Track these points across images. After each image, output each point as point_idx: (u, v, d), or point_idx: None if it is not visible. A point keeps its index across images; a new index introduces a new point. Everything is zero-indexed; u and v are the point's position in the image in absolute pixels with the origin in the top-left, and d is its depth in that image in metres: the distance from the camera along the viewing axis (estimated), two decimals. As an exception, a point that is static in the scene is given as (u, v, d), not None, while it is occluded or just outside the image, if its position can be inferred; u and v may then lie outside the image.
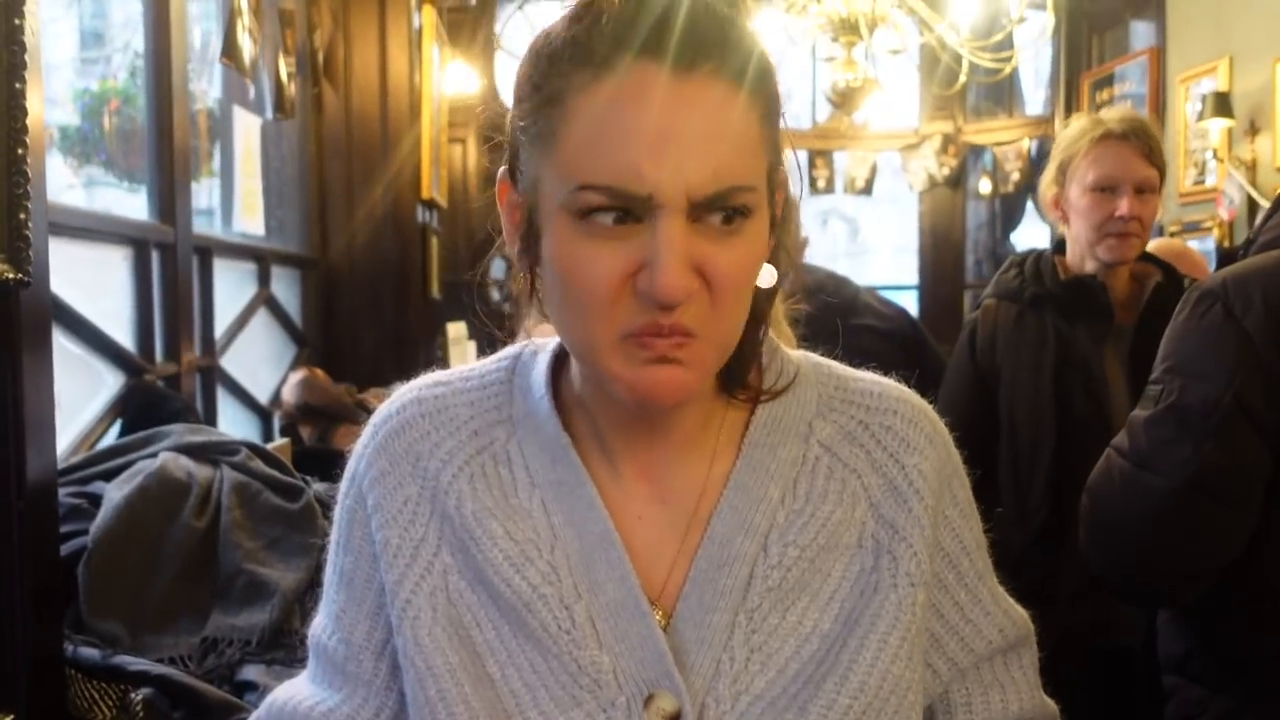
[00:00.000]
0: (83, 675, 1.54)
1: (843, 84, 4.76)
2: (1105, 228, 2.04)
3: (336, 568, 0.92)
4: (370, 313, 4.40)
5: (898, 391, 0.90)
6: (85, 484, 1.86)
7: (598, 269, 0.72)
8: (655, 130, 0.70)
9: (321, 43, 4.20)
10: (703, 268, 0.73)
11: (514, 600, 0.82)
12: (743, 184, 0.73)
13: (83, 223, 2.46)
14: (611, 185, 0.71)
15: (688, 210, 0.72)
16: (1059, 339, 2.09)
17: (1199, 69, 5.23)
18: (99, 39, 3.53)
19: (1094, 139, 2.06)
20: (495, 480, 0.86)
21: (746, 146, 0.74)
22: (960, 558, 0.89)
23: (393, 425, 0.90)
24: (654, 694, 0.80)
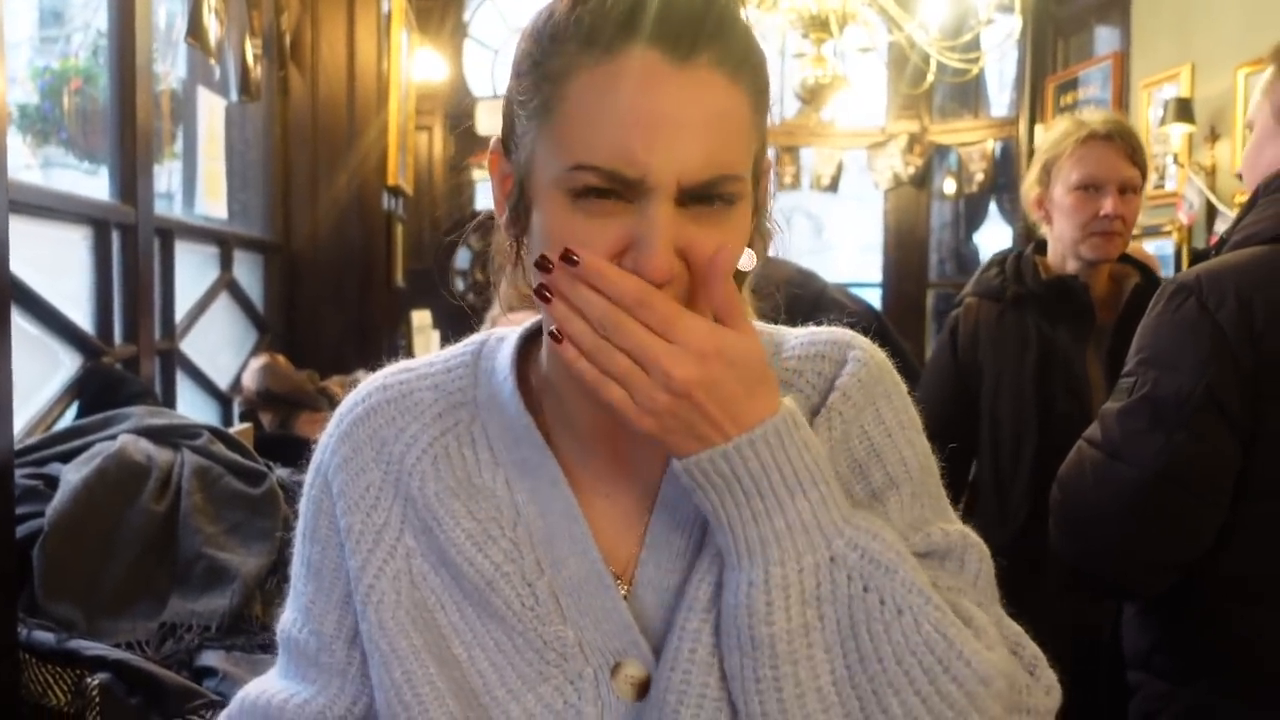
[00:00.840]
0: (37, 659, 1.52)
1: (811, 80, 4.77)
2: (1089, 226, 2.07)
3: (304, 560, 0.92)
4: (333, 299, 4.36)
5: (828, 334, 0.92)
6: (42, 465, 1.83)
7: (586, 243, 0.74)
8: (652, 115, 0.72)
9: (289, 25, 4.15)
10: (687, 251, 0.75)
11: (477, 579, 0.84)
12: (732, 173, 0.75)
13: (42, 201, 2.41)
14: (605, 167, 0.73)
15: (677, 195, 0.73)
16: (1041, 338, 2.10)
17: (1161, 75, 5.29)
18: (58, 18, 3.48)
19: (1078, 140, 2.09)
20: (459, 461, 0.87)
21: (738, 136, 0.76)
22: (872, 468, 0.86)
23: (357, 413, 0.91)
24: (621, 663, 0.82)
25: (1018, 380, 2.11)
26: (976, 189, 7.10)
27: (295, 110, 4.32)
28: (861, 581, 0.77)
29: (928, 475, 0.90)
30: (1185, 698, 1.56)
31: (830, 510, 0.77)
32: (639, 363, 0.73)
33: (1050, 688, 0.86)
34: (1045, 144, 2.18)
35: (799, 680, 0.75)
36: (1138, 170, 2.10)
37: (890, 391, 0.90)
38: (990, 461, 2.15)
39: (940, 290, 7.50)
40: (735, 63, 0.75)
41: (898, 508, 0.86)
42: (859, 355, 0.90)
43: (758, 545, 0.76)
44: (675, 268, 0.74)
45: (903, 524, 0.86)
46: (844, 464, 0.87)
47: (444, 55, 5.90)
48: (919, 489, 0.88)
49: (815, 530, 0.76)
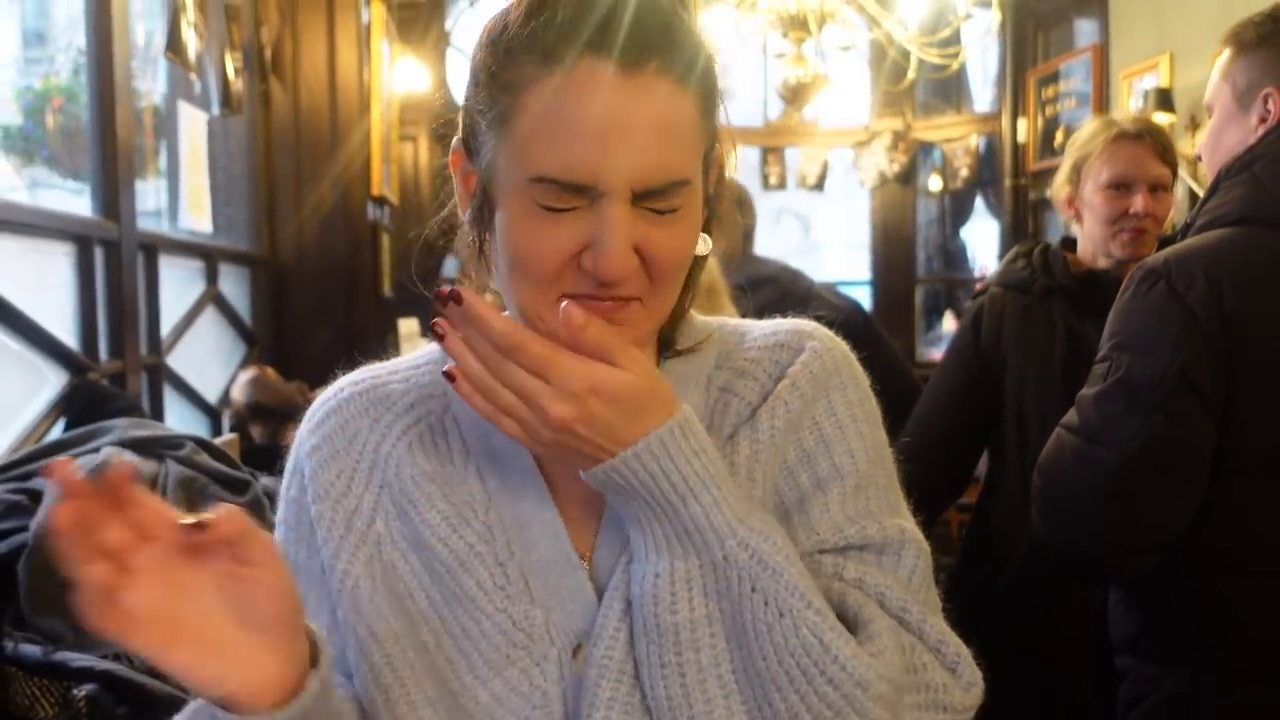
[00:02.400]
0: (24, 673, 1.52)
1: (793, 80, 4.78)
2: (1120, 224, 2.08)
3: (290, 564, 0.90)
4: (321, 310, 4.36)
5: (790, 325, 0.96)
6: (26, 480, 1.83)
7: (546, 247, 0.78)
8: (603, 125, 0.76)
9: (269, 38, 4.16)
10: (642, 248, 0.79)
11: (450, 559, 0.86)
12: (681, 178, 0.79)
13: (24, 218, 2.42)
14: (560, 178, 0.76)
15: (630, 198, 0.77)
16: (1069, 332, 2.10)
17: (1141, 65, 5.32)
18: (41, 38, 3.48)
19: (1109, 139, 2.10)
20: (433, 448, 0.90)
21: (686, 140, 0.80)
22: (819, 457, 0.89)
23: (328, 407, 0.94)
24: (581, 644, 0.85)
25: (1045, 373, 2.10)
26: (961, 184, 7.13)
27: (278, 122, 4.33)
28: (750, 581, 0.80)
29: (877, 469, 0.92)
30: (1174, 679, 1.57)
31: (724, 512, 0.81)
32: (522, 400, 0.77)
33: (971, 685, 0.88)
34: (1074, 143, 2.19)
35: (700, 666, 0.80)
36: (1168, 168, 2.11)
37: (846, 383, 0.93)
38: (1017, 455, 2.13)
39: (928, 286, 7.53)
40: (683, 68, 0.78)
41: (839, 498, 0.89)
42: (815, 346, 0.93)
43: (662, 542, 0.80)
44: (632, 265, 0.78)
45: (841, 515, 0.89)
46: (792, 452, 0.90)
47: (427, 65, 5.91)
48: (864, 481, 0.90)
49: (709, 530, 0.80)
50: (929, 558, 0.91)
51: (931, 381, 2.34)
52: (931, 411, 2.27)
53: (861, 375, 0.94)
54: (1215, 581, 1.53)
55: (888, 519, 0.90)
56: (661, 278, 0.81)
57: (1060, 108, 6.20)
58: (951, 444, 2.24)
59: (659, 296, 0.82)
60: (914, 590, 0.88)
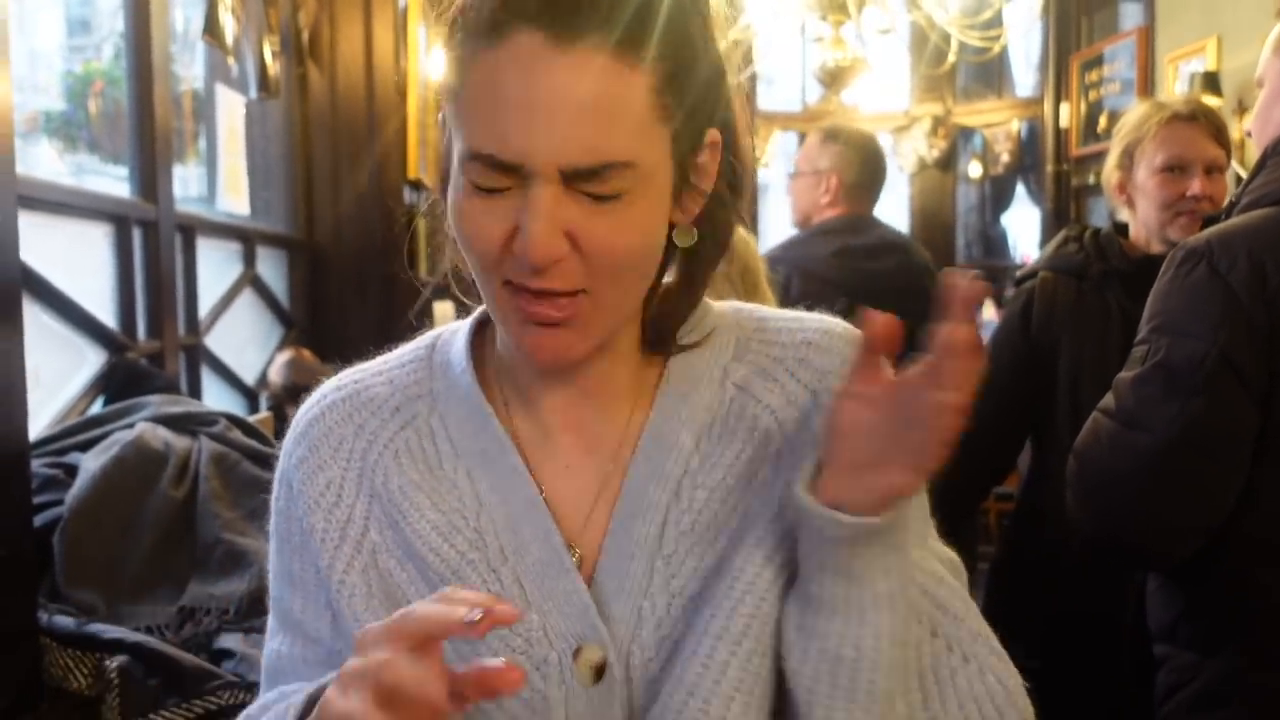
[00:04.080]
0: (58, 643, 1.54)
1: (831, 63, 4.74)
2: (1176, 207, 2.04)
3: (285, 575, 0.90)
4: (357, 293, 4.38)
5: (817, 322, 0.90)
6: (62, 455, 1.85)
7: (481, 228, 0.75)
8: (528, 101, 0.71)
9: (306, 22, 4.17)
10: (576, 236, 0.74)
11: (442, 569, 0.83)
12: (619, 160, 0.73)
13: (63, 198, 2.44)
14: (486, 153, 0.73)
15: (560, 179, 0.72)
16: (1124, 318, 2.05)
17: (1188, 48, 5.23)
18: (85, 26, 3.51)
19: (1161, 121, 2.06)
20: (420, 454, 0.87)
21: (628, 121, 0.73)
22: None
23: (312, 414, 0.91)
24: (581, 646, 0.82)
25: (1101, 360, 2.05)
26: (1002, 170, 7.06)
27: (315, 106, 4.35)
28: (930, 625, 0.80)
29: None
30: (1212, 668, 1.54)
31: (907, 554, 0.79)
32: None
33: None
34: (1125, 128, 2.15)
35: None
36: (1222, 150, 2.07)
37: None
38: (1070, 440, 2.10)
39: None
40: (631, 43, 0.71)
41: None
42: (852, 355, 0.85)
43: (884, 598, 0.76)
44: (559, 251, 0.73)
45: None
46: None
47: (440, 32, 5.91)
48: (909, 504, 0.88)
49: (906, 573, 0.78)
50: (966, 582, 0.89)
51: None
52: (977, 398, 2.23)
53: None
54: (1254, 571, 1.50)
55: (936, 545, 0.88)
56: (604, 271, 0.75)
57: (1104, 92, 6.11)
58: (996, 431, 2.20)
59: (610, 291, 0.77)
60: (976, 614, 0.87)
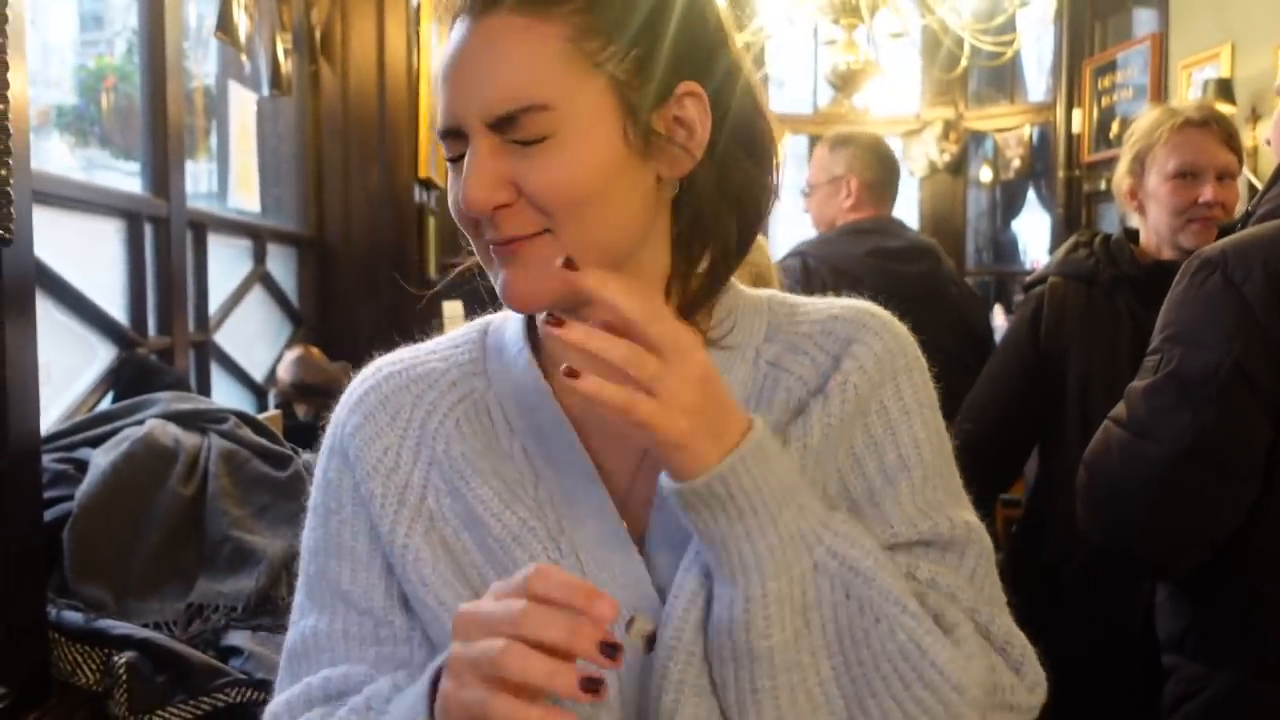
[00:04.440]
0: (66, 639, 1.54)
1: (843, 67, 4.73)
2: (1187, 214, 2.03)
3: (331, 548, 0.90)
4: (366, 292, 4.38)
5: (845, 302, 0.94)
6: (72, 450, 1.85)
7: (453, 196, 0.84)
8: (455, 70, 0.81)
9: (319, 20, 4.18)
10: (516, 180, 0.80)
11: (503, 534, 0.85)
12: (531, 104, 0.79)
13: (75, 193, 2.44)
14: (440, 128, 0.83)
15: (489, 131, 0.80)
16: (1135, 325, 2.05)
17: (1201, 55, 5.21)
18: (99, 21, 3.52)
19: (1173, 127, 2.05)
20: (479, 425, 0.90)
21: (538, 66, 0.79)
22: (887, 446, 0.88)
23: (366, 385, 0.94)
24: (634, 616, 0.83)
25: (1111, 367, 2.05)
26: (1014, 176, 7.04)
27: (326, 104, 4.35)
28: (843, 589, 0.79)
29: (941, 458, 0.90)
30: (1220, 679, 1.53)
31: (809, 518, 0.79)
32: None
33: (1035, 685, 0.87)
34: (1137, 134, 2.14)
35: (793, 686, 0.78)
36: (1235, 156, 2.06)
37: (911, 366, 0.90)
38: (1080, 448, 2.09)
39: (978, 279, 7.43)
40: (535, 3, 0.80)
41: (909, 491, 0.87)
42: (877, 326, 0.90)
43: (752, 561, 0.77)
44: (496, 199, 0.80)
45: (913, 508, 0.87)
46: (859, 438, 0.88)
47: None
48: (930, 472, 0.88)
49: (799, 540, 0.79)
50: (991, 552, 0.89)
51: (984, 373, 2.29)
52: (985, 404, 2.22)
53: (922, 359, 0.92)
54: (1263, 585, 1.49)
55: (955, 512, 0.89)
56: (556, 209, 0.80)
57: (1117, 98, 6.09)
58: (1004, 437, 2.20)
59: (573, 227, 0.80)
60: (978, 587, 0.88)
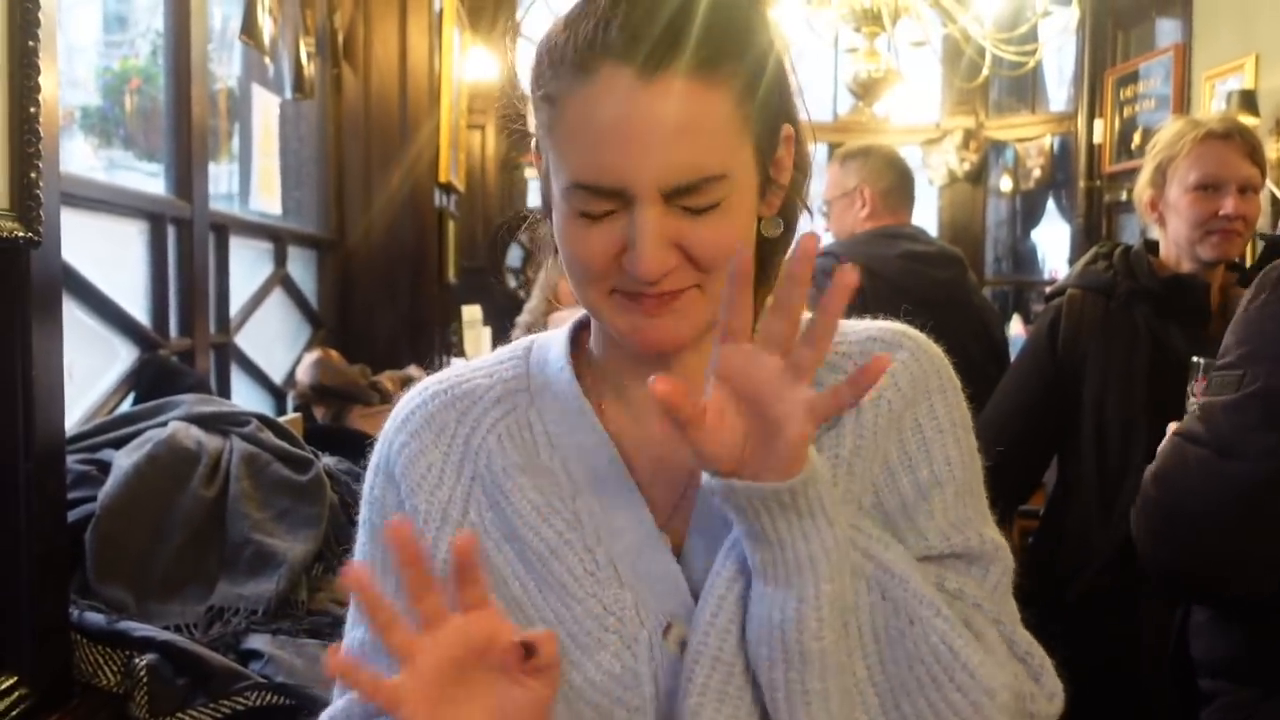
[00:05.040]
0: (88, 640, 1.54)
1: (864, 75, 4.72)
2: (1208, 225, 2.01)
3: (375, 563, 0.92)
4: (386, 295, 4.40)
5: (882, 323, 0.96)
6: (95, 451, 1.86)
7: (590, 249, 0.82)
8: (624, 131, 0.78)
9: (342, 24, 4.20)
10: (683, 245, 0.81)
11: (541, 547, 0.88)
12: (712, 174, 0.80)
13: (99, 195, 2.46)
14: (590, 183, 0.80)
15: (662, 198, 0.79)
16: (1152, 336, 2.04)
17: (1225, 66, 5.17)
18: (122, 22, 3.54)
19: (1195, 139, 2.04)
20: (520, 441, 0.93)
21: (717, 136, 0.80)
22: (920, 463, 0.90)
23: (413, 404, 0.96)
24: (671, 624, 0.86)
25: (1128, 380, 2.05)
26: (1034, 185, 7.00)
27: (348, 108, 4.37)
28: (879, 590, 0.82)
29: (972, 476, 0.93)
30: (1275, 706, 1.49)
31: (844, 522, 0.81)
32: None
33: (1054, 694, 0.88)
34: (1158, 145, 2.12)
35: (844, 688, 0.79)
36: (1257, 169, 2.04)
37: (945, 385, 0.93)
38: (1094, 462, 2.08)
39: (997, 288, 7.39)
40: (711, 64, 0.78)
41: (941, 506, 0.89)
42: (912, 346, 0.93)
43: (808, 562, 0.78)
44: (670, 263, 0.81)
45: (945, 522, 0.89)
46: (894, 454, 0.90)
47: (496, 54, 5.93)
48: (962, 489, 0.91)
49: (846, 544, 0.80)
50: (1011, 571, 0.92)
51: (1003, 384, 2.28)
52: (1003, 415, 2.21)
53: (956, 380, 0.94)
54: None
55: (983, 529, 0.91)
56: (711, 267, 0.82)
57: (1139, 109, 6.06)
58: (1022, 449, 2.18)
59: (716, 282, 0.82)
60: (999, 601, 0.90)
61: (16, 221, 1.33)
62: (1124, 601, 2.01)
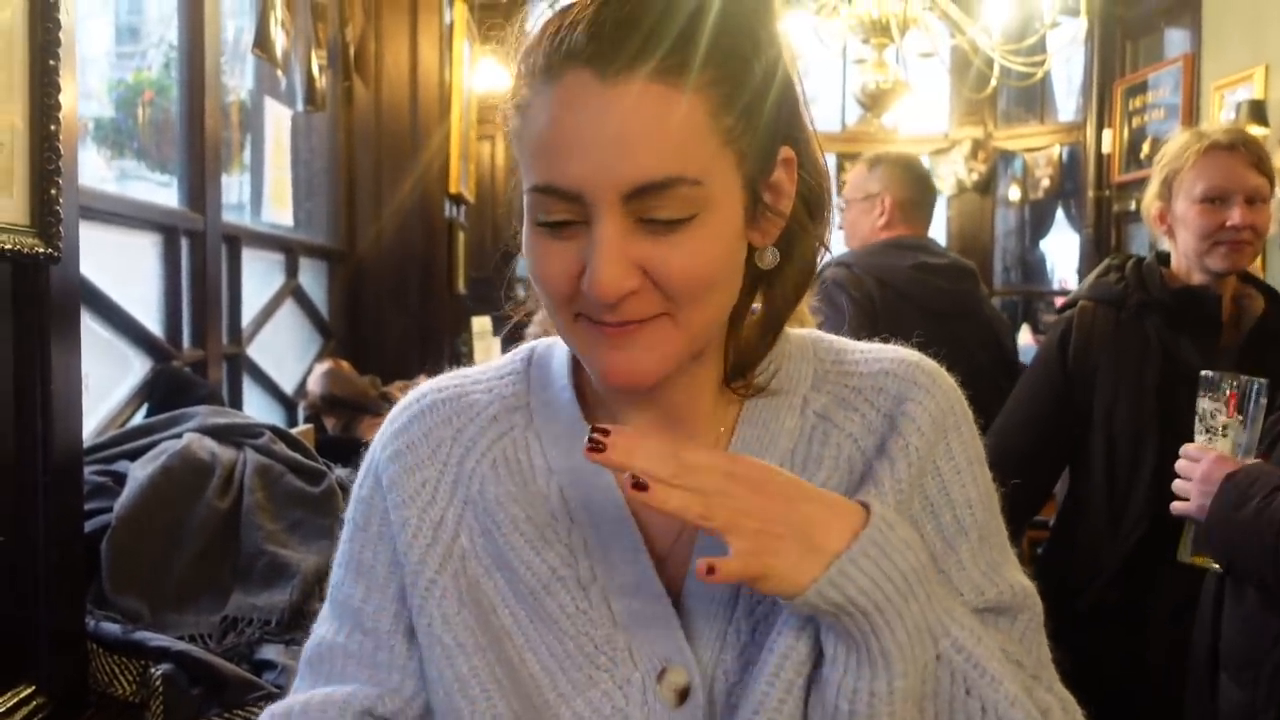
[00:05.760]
0: (104, 650, 1.56)
1: (873, 86, 4.74)
2: (1216, 237, 2.01)
3: (351, 563, 0.91)
4: (396, 306, 4.42)
5: (894, 353, 0.91)
6: (110, 463, 1.88)
7: (550, 268, 0.77)
8: (582, 132, 0.73)
9: (353, 37, 4.23)
10: (647, 267, 0.74)
11: (533, 582, 0.84)
12: (676, 175, 0.73)
13: (113, 207, 2.48)
14: (547, 184, 0.75)
15: (623, 208, 0.73)
16: (1163, 349, 2.04)
17: (1234, 76, 5.18)
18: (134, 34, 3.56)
19: (1200, 151, 2.03)
20: (515, 466, 0.88)
21: (684, 142, 0.74)
22: (942, 509, 0.85)
23: (412, 411, 0.92)
24: (667, 668, 0.82)
25: (1139, 392, 2.04)
26: (1042, 195, 7.01)
27: (359, 120, 4.40)
28: (964, 685, 0.77)
29: (991, 514, 0.89)
30: None
31: (936, 606, 0.77)
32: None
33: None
34: (1165, 157, 2.11)
35: None
36: (1265, 179, 2.03)
37: (960, 422, 0.88)
38: (1104, 474, 2.07)
39: (1006, 298, 7.40)
40: (674, 70, 0.73)
41: (970, 554, 0.86)
42: (927, 382, 0.88)
43: (880, 659, 0.74)
44: (628, 285, 0.74)
45: (976, 572, 0.85)
46: (917, 503, 0.85)
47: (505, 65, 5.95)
48: (985, 531, 0.87)
49: (926, 632, 0.76)
50: (1040, 615, 0.88)
51: (1014, 395, 2.28)
52: (1014, 426, 2.21)
53: (969, 412, 0.90)
54: None
55: (1011, 574, 0.87)
56: (683, 296, 0.76)
57: (1148, 119, 6.07)
58: (1033, 461, 2.18)
59: (692, 312, 0.77)
60: (1027, 650, 0.86)
61: (37, 238, 1.35)
62: (1131, 615, 2.01)
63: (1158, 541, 1.89)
